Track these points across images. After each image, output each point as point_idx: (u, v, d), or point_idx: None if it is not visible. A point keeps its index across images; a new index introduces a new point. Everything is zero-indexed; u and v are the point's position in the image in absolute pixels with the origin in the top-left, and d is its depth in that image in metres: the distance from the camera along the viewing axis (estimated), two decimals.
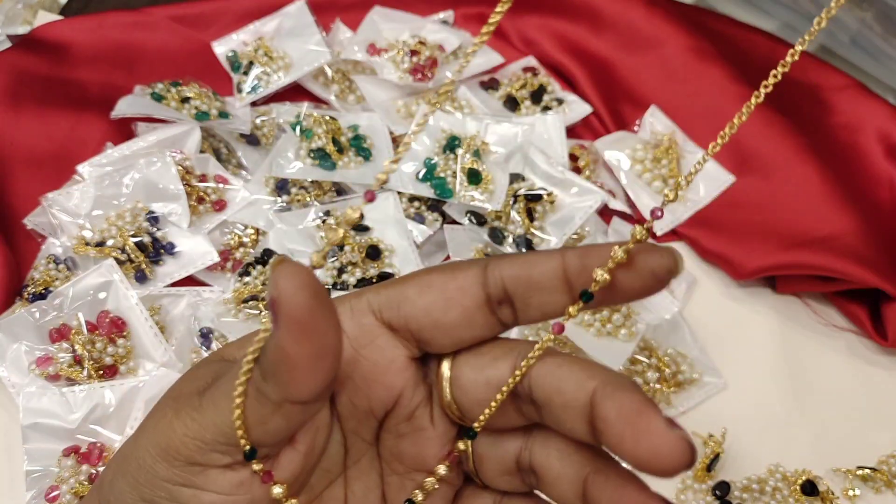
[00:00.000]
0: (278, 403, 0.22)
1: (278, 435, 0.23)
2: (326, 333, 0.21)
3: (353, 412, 0.26)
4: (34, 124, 0.62)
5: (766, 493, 0.52)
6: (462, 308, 0.23)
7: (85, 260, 0.55)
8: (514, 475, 0.26)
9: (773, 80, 0.22)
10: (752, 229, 0.62)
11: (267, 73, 0.65)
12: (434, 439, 0.26)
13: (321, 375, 0.21)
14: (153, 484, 0.24)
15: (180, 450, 0.23)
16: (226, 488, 0.24)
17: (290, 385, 0.21)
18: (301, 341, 0.20)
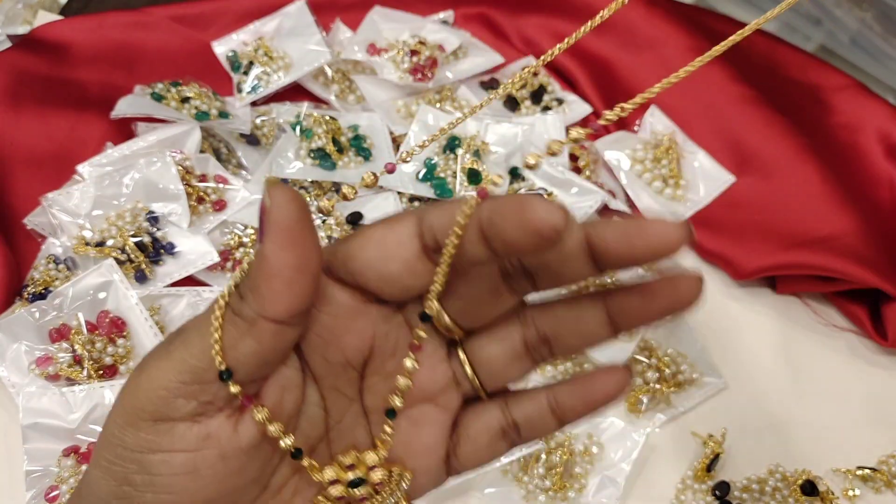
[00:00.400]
0: (252, 321, 0.22)
1: (250, 359, 0.23)
2: (309, 248, 0.22)
3: (329, 368, 0.26)
4: (34, 124, 0.62)
5: (766, 493, 0.52)
6: (402, 260, 0.24)
7: (85, 260, 0.55)
8: (524, 356, 0.27)
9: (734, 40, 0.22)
10: (752, 229, 0.62)
11: (267, 73, 0.65)
12: (426, 360, 0.26)
13: (298, 291, 0.22)
14: (123, 458, 0.24)
15: (145, 406, 0.23)
16: (193, 443, 0.24)
17: (267, 297, 0.22)
18: (285, 250, 0.21)
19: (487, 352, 0.27)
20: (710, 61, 0.27)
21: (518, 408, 0.28)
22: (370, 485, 0.27)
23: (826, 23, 0.73)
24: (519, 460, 0.51)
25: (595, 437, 0.52)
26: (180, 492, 0.24)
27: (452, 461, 0.28)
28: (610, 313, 0.26)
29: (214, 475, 0.24)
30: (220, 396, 0.24)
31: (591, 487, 0.51)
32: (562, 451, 0.51)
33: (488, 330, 0.27)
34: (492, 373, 0.27)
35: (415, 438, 0.27)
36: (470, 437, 0.28)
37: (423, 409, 0.27)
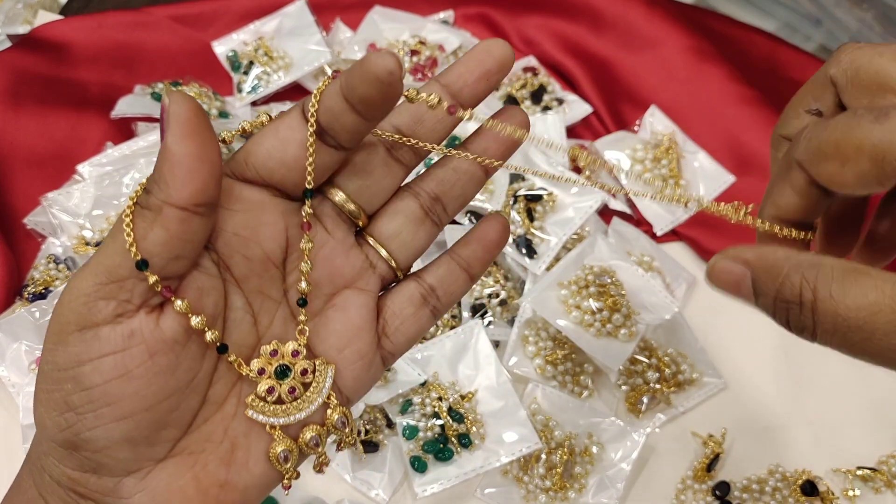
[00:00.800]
0: (158, 209, 0.24)
1: (160, 248, 0.24)
2: (207, 140, 0.24)
3: (251, 267, 0.28)
4: (34, 124, 0.62)
5: (766, 493, 0.52)
6: (296, 142, 0.27)
7: (85, 260, 0.55)
8: (424, 220, 0.31)
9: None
10: (752, 229, 0.62)
11: (267, 73, 0.65)
12: (337, 247, 0.29)
13: (199, 178, 0.24)
14: (58, 380, 0.25)
15: (69, 318, 0.25)
16: (118, 343, 0.25)
17: (171, 184, 0.24)
18: (184, 141, 0.24)
19: (391, 226, 0.30)
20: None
21: (430, 274, 0.31)
22: (298, 380, 0.28)
23: (826, 23, 0.73)
24: (519, 460, 0.51)
25: (595, 437, 0.52)
26: (118, 399, 0.25)
27: (384, 343, 0.31)
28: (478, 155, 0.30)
29: (145, 374, 0.25)
30: (137, 293, 0.25)
31: (591, 487, 0.51)
32: (562, 452, 0.51)
33: (386, 209, 0.30)
34: (401, 245, 0.30)
35: (342, 322, 0.29)
36: (395, 313, 0.31)
37: (345, 294, 0.30)
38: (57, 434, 0.26)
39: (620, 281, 0.57)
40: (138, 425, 0.26)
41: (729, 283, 0.27)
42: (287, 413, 0.28)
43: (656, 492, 0.53)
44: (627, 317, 0.55)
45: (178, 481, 0.27)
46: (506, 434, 0.51)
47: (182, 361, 0.26)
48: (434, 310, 0.31)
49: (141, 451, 0.26)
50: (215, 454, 0.27)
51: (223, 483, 0.27)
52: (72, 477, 0.26)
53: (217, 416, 0.28)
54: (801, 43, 0.73)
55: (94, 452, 0.26)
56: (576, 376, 0.55)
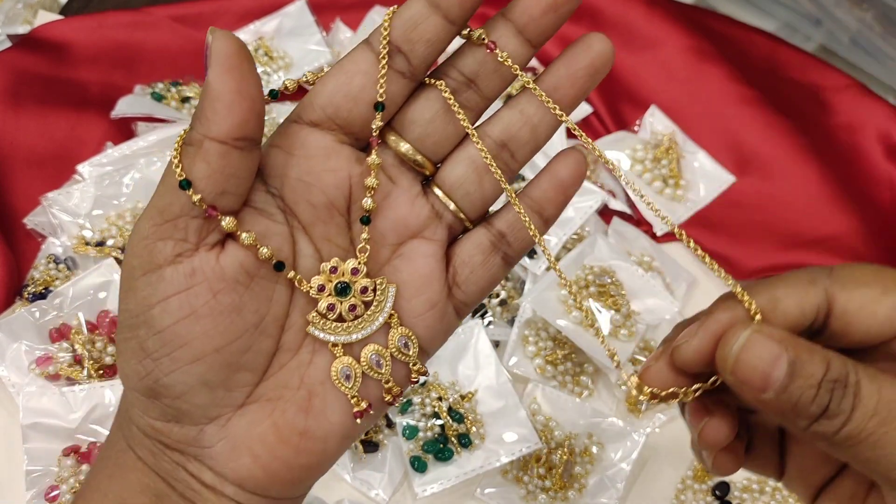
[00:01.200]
0: (199, 143, 0.24)
1: (203, 182, 0.25)
2: (247, 75, 0.24)
3: (316, 214, 0.28)
4: (34, 124, 0.62)
5: (766, 493, 0.52)
6: (362, 72, 0.27)
7: (85, 259, 0.55)
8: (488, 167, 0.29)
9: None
10: (752, 229, 0.62)
11: (267, 73, 0.65)
12: (403, 196, 0.29)
13: (238, 112, 0.24)
14: (133, 326, 0.26)
15: (134, 263, 0.26)
16: (182, 282, 0.25)
17: (211, 118, 0.24)
18: (225, 75, 0.24)
19: (455, 174, 0.29)
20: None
21: (499, 220, 0.30)
22: (358, 298, 0.28)
23: (826, 23, 0.73)
24: (519, 460, 0.51)
25: (595, 437, 0.52)
26: (188, 340, 0.26)
27: (455, 293, 0.30)
28: (549, 93, 0.28)
29: (210, 313, 0.26)
30: (192, 230, 0.25)
31: (590, 487, 0.51)
32: (562, 452, 0.51)
33: (451, 156, 0.29)
34: (467, 194, 0.29)
35: (410, 272, 0.29)
36: (464, 262, 0.29)
37: (412, 244, 0.29)
38: (138, 383, 0.26)
39: (620, 281, 0.57)
40: (212, 367, 0.26)
41: (764, 362, 0.24)
42: (348, 331, 0.28)
43: (656, 492, 0.53)
44: (627, 317, 0.55)
45: (258, 428, 0.27)
46: (506, 434, 0.51)
47: (247, 301, 0.26)
48: (505, 257, 0.30)
49: (219, 396, 0.27)
50: (293, 401, 0.28)
51: (302, 431, 0.28)
52: (156, 427, 0.27)
53: (292, 362, 0.28)
54: (801, 43, 0.73)
55: (173, 399, 0.26)
56: (576, 376, 0.55)
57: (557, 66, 0.28)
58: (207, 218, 0.25)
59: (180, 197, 0.25)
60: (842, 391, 0.24)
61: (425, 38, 0.27)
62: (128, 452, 0.28)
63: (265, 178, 0.27)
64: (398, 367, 0.29)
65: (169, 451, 0.27)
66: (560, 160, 0.29)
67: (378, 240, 0.29)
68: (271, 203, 0.27)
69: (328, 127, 0.28)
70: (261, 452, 0.27)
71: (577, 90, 0.28)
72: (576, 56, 0.28)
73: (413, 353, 0.29)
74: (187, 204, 0.25)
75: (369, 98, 0.27)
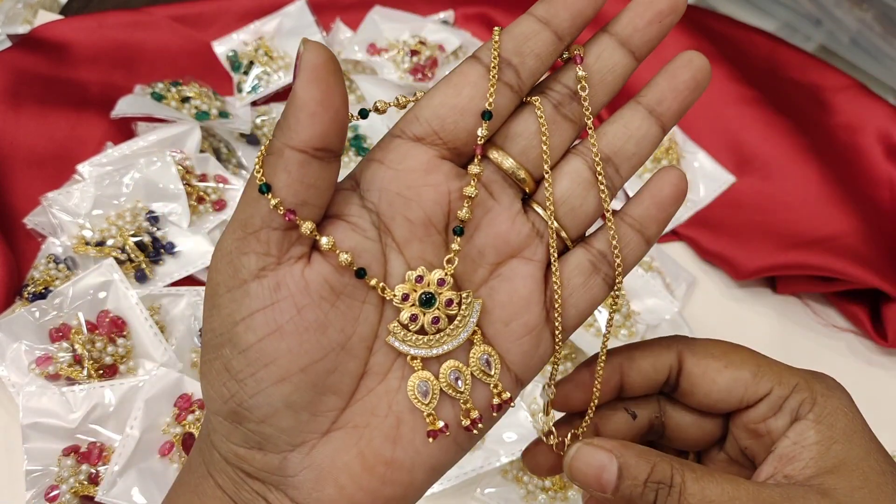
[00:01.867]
0: (280, 152, 0.24)
1: (282, 190, 0.24)
2: (333, 87, 0.24)
3: (413, 230, 0.27)
4: (34, 124, 0.62)
5: None
6: (470, 84, 0.27)
7: (85, 259, 0.55)
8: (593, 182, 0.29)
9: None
10: (752, 229, 0.62)
11: (267, 73, 0.65)
12: (503, 213, 0.28)
13: (320, 122, 0.24)
14: (217, 346, 0.26)
15: (217, 280, 0.25)
16: (267, 296, 0.25)
17: (293, 127, 0.24)
18: (310, 86, 0.24)
19: (561, 188, 0.28)
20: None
21: (598, 240, 0.29)
22: (443, 311, 0.27)
23: (826, 23, 0.73)
24: (519, 460, 0.51)
25: None
26: (273, 358, 0.25)
27: (552, 315, 0.29)
28: (651, 111, 0.29)
29: (296, 330, 0.25)
30: (274, 242, 0.25)
31: None
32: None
33: (554, 171, 0.29)
34: (569, 211, 0.29)
35: (509, 293, 0.28)
36: (563, 284, 0.29)
37: (511, 264, 0.28)
38: (222, 406, 0.26)
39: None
40: (297, 388, 0.25)
41: (592, 468, 0.28)
42: (429, 345, 0.27)
43: None
44: (627, 317, 0.55)
45: (344, 456, 0.26)
46: (506, 434, 0.51)
47: (332, 319, 0.26)
48: (606, 278, 0.29)
49: (304, 421, 0.26)
50: (380, 429, 0.27)
51: (389, 461, 0.27)
52: (238, 454, 0.26)
53: (380, 388, 0.27)
54: (801, 43, 0.73)
55: (258, 423, 0.26)
56: None
57: (658, 80, 0.29)
58: (288, 230, 0.25)
59: (261, 208, 0.25)
60: (666, 490, 0.27)
61: (535, 52, 0.27)
62: (207, 479, 0.27)
63: (362, 192, 0.27)
64: (480, 390, 0.27)
65: (250, 480, 0.27)
66: (661, 178, 0.29)
67: (476, 258, 0.28)
68: (366, 217, 0.27)
69: (431, 142, 0.27)
70: (346, 483, 0.26)
71: (679, 103, 0.29)
72: (677, 71, 0.29)
73: (495, 373, 0.27)
74: (268, 215, 0.25)
75: (476, 109, 0.27)
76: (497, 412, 0.28)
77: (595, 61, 0.28)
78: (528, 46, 0.27)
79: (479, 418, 0.27)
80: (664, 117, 0.29)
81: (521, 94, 0.28)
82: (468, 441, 0.28)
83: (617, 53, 0.29)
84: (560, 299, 0.28)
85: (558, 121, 0.28)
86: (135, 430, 0.47)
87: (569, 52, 0.28)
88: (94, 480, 0.47)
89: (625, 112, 0.29)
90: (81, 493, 0.47)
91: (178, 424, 0.48)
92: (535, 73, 0.28)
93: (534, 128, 0.28)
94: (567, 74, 0.29)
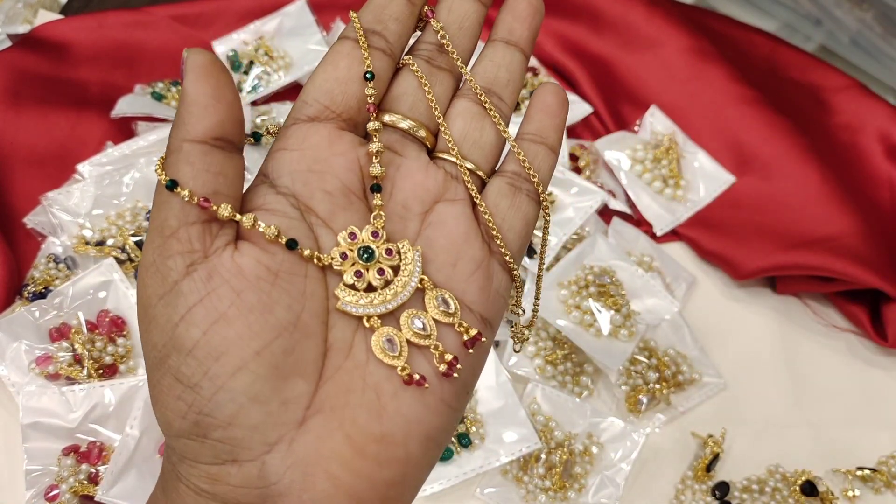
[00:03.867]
0: (179, 148, 0.24)
1: (190, 181, 0.24)
2: (222, 81, 0.25)
3: (334, 201, 0.27)
4: (35, 124, 0.62)
5: (766, 494, 0.52)
6: (344, 55, 0.28)
7: (85, 259, 0.55)
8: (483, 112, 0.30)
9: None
10: (752, 229, 0.62)
11: (267, 73, 0.65)
12: (413, 164, 0.29)
13: (215, 114, 0.24)
14: (162, 361, 0.24)
15: (148, 292, 0.25)
16: (201, 288, 0.24)
17: (187, 121, 0.24)
18: (200, 82, 0.24)
19: (457, 127, 0.30)
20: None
21: (509, 163, 0.30)
22: (385, 262, 0.26)
23: (826, 23, 0.73)
24: (519, 460, 0.51)
25: (595, 437, 0.52)
26: (222, 349, 0.24)
27: (494, 247, 0.29)
28: (507, 42, 0.32)
29: (239, 314, 0.24)
30: (195, 236, 0.24)
31: (590, 487, 0.51)
32: (562, 452, 0.51)
33: (446, 117, 0.30)
34: (473, 146, 0.30)
35: (445, 236, 0.28)
36: (493, 212, 0.29)
37: (438, 210, 0.29)
38: (181, 422, 0.24)
39: (620, 281, 0.57)
40: (256, 375, 0.24)
41: None
42: (382, 300, 0.26)
43: (656, 492, 0.53)
44: (627, 317, 0.55)
45: (329, 442, 0.24)
46: (506, 434, 0.51)
47: (276, 298, 0.25)
48: (530, 193, 0.30)
49: (273, 412, 0.24)
50: (361, 406, 0.25)
51: (379, 437, 0.25)
52: (211, 474, 0.24)
53: (348, 363, 0.25)
54: (801, 43, 0.73)
55: (225, 428, 0.24)
56: (576, 376, 0.55)
57: (503, 16, 0.32)
58: (207, 222, 0.24)
59: (173, 208, 0.24)
60: None
61: (394, 16, 0.29)
62: None
63: (273, 181, 0.27)
64: (447, 334, 0.27)
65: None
66: (541, 92, 0.31)
67: (402, 213, 0.28)
68: (283, 202, 0.26)
69: (326, 117, 0.28)
70: (338, 472, 0.24)
71: (527, 28, 0.31)
72: (515, 3, 0.32)
73: (456, 310, 0.27)
74: (181, 211, 0.24)
75: (357, 76, 0.28)
76: (471, 348, 0.27)
77: (448, 15, 0.31)
78: (385, 13, 0.29)
79: (454, 359, 0.26)
80: (520, 43, 0.31)
81: (394, 57, 0.29)
82: (455, 397, 0.27)
83: (465, 3, 0.31)
84: (495, 226, 0.29)
85: (434, 72, 0.30)
86: (135, 429, 0.47)
87: (422, 14, 0.30)
88: (94, 480, 0.47)
89: (486, 51, 0.31)
90: (81, 492, 0.47)
91: None
92: (401, 35, 0.30)
93: (415, 84, 0.30)
94: (428, 32, 0.31)
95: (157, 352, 0.24)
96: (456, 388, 0.27)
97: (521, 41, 0.31)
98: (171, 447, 0.25)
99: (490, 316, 0.28)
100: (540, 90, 0.31)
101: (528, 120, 0.31)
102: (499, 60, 0.31)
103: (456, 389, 0.27)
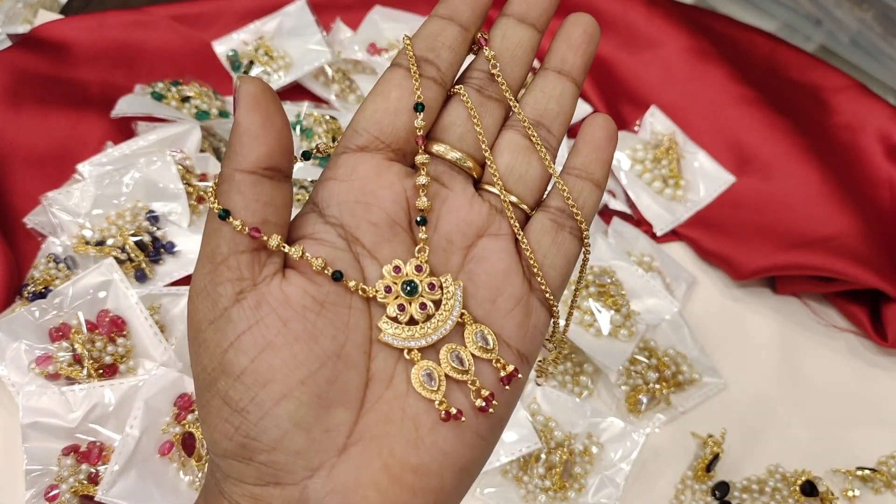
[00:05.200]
0: (230, 178, 0.25)
1: (241, 211, 0.25)
2: (273, 112, 0.25)
3: (379, 233, 0.27)
4: (34, 124, 0.62)
5: (766, 494, 0.52)
6: (396, 85, 0.28)
7: (85, 259, 0.55)
8: (531, 146, 0.30)
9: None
10: (752, 229, 0.62)
11: (267, 73, 0.65)
12: (459, 197, 0.29)
13: (265, 144, 0.25)
14: (211, 384, 0.25)
15: (198, 317, 0.25)
16: (250, 316, 0.25)
17: (238, 152, 0.25)
18: (251, 112, 0.25)
19: (504, 161, 0.29)
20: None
21: (552, 198, 0.30)
22: (427, 296, 0.27)
23: (826, 23, 0.73)
24: (519, 460, 0.51)
25: (595, 437, 0.52)
26: (269, 376, 0.25)
27: (535, 284, 0.29)
28: (560, 72, 0.31)
29: (286, 343, 0.25)
30: (244, 264, 0.25)
31: (590, 487, 0.51)
32: (562, 452, 0.51)
33: (493, 150, 0.30)
34: (518, 179, 0.29)
35: (486, 272, 0.28)
36: (535, 249, 0.29)
37: (482, 245, 0.29)
38: (228, 444, 0.25)
39: (620, 281, 0.57)
40: (301, 402, 0.25)
41: None
42: (423, 334, 0.27)
43: (656, 492, 0.53)
44: (627, 317, 0.55)
45: (367, 471, 0.25)
46: (506, 434, 0.51)
47: (321, 328, 0.25)
48: (573, 230, 0.30)
49: (316, 440, 0.25)
50: (399, 436, 0.26)
51: (416, 467, 0.25)
52: (254, 494, 0.25)
53: (388, 394, 0.26)
54: (801, 43, 0.73)
55: (269, 452, 0.25)
56: (576, 376, 0.55)
57: (556, 44, 0.31)
58: (256, 251, 0.25)
59: (224, 236, 0.25)
60: None
61: (447, 44, 0.29)
62: None
63: (322, 210, 0.27)
64: (484, 369, 0.27)
65: None
66: (589, 125, 0.30)
67: (446, 247, 0.28)
68: (331, 232, 0.27)
69: (375, 147, 0.28)
70: (375, 499, 0.25)
71: (580, 58, 0.31)
72: (570, 31, 0.31)
73: (494, 346, 0.27)
74: (232, 240, 0.25)
75: (407, 106, 0.28)
76: (507, 385, 0.27)
77: (501, 41, 0.30)
78: (439, 41, 0.29)
79: (490, 395, 0.27)
80: (572, 73, 0.31)
81: (445, 86, 0.29)
82: (490, 431, 0.27)
83: (519, 30, 0.30)
84: (536, 263, 0.29)
85: (484, 103, 0.30)
86: (134, 429, 0.47)
87: (475, 38, 0.30)
88: (94, 480, 0.47)
89: (537, 80, 0.31)
90: (81, 492, 0.47)
91: (177, 424, 0.48)
92: (453, 64, 0.29)
93: (465, 115, 0.29)
94: (480, 60, 0.30)
95: (207, 374, 0.25)
96: (491, 422, 0.27)
97: (574, 71, 0.31)
98: (216, 465, 0.26)
99: (527, 352, 0.29)
100: (590, 121, 0.30)
101: (576, 153, 0.30)
102: (549, 91, 0.31)
103: (491, 423, 0.27)
